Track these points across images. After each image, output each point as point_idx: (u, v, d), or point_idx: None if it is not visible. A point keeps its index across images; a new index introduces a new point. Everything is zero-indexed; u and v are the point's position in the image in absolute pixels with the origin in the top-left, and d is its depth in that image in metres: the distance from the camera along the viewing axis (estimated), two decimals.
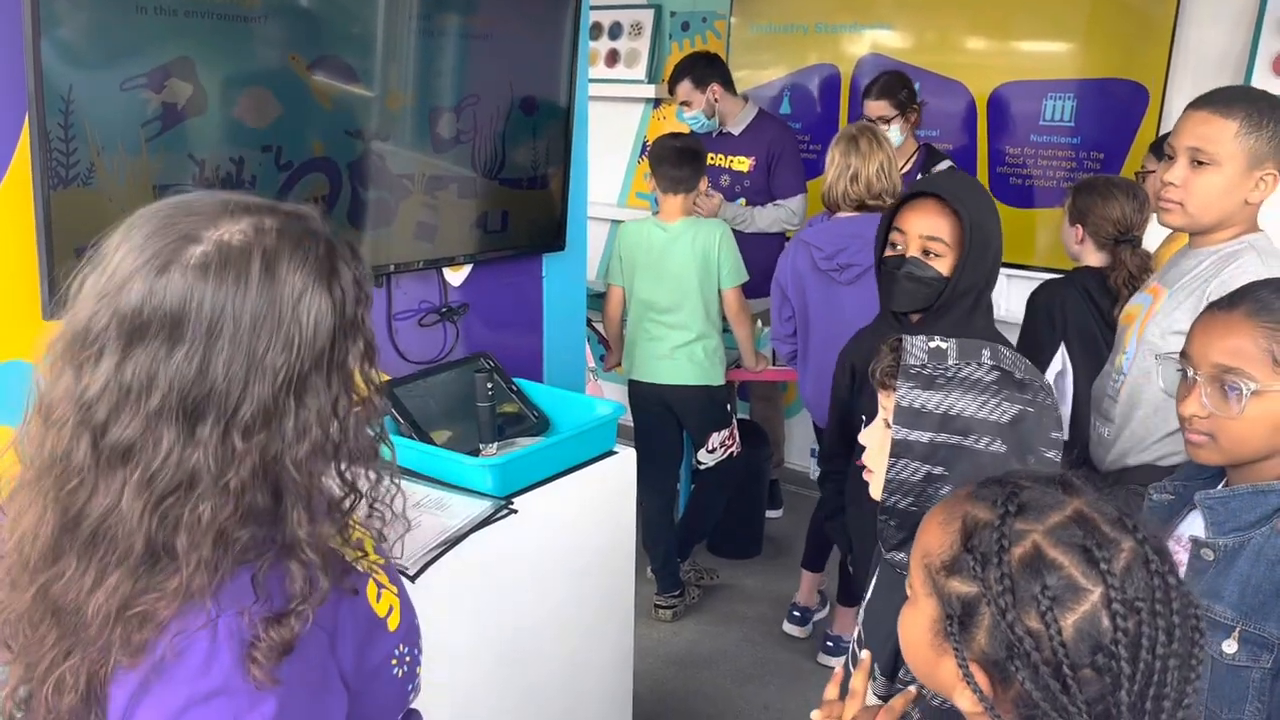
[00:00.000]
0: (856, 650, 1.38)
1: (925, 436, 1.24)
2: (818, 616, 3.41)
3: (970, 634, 0.86)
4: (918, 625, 0.92)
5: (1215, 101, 1.84)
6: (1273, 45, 3.25)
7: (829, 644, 3.23)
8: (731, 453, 3.40)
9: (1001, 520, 0.86)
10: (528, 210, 2.56)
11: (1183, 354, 1.38)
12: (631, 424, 5.07)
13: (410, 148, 2.24)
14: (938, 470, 1.24)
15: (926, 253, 1.90)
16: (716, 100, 3.79)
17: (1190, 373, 1.36)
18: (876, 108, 3.47)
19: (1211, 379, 1.32)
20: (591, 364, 3.62)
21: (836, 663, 3.12)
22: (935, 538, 0.91)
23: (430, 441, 2.09)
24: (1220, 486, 1.39)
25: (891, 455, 1.25)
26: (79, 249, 1.66)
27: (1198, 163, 1.83)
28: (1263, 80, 3.24)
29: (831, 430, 2.33)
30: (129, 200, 1.72)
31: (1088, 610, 0.82)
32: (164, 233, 0.87)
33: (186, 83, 1.79)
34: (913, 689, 1.13)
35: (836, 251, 2.94)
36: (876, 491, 1.30)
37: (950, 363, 1.26)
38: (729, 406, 3.43)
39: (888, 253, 1.98)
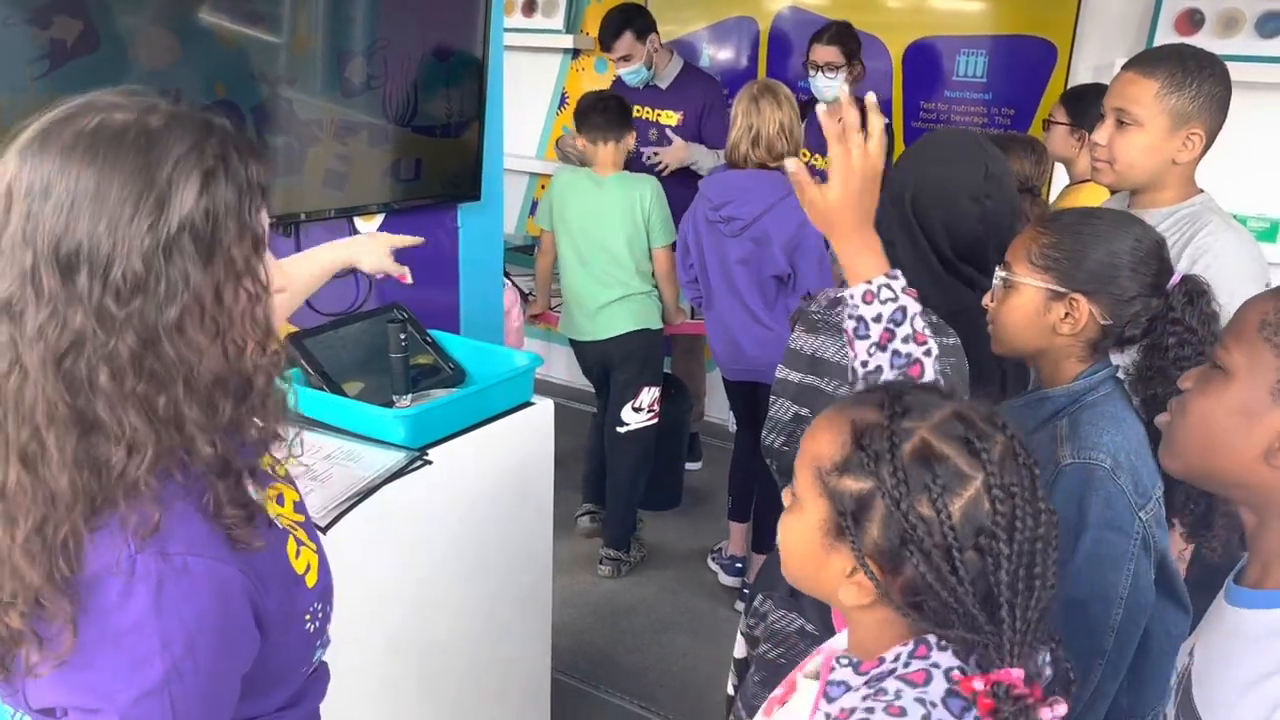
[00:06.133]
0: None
1: (795, 377, 1.26)
2: None
3: (863, 528, 0.91)
4: (804, 530, 0.96)
5: (1141, 62, 1.85)
6: (1176, 4, 3.33)
7: (745, 591, 3.29)
8: (652, 422, 3.40)
9: (890, 420, 0.92)
10: (442, 159, 2.52)
11: None
12: (551, 379, 5.04)
13: (318, 93, 2.17)
14: (804, 412, 1.26)
15: None
16: (655, 50, 3.76)
17: None
18: (827, 53, 3.41)
19: (999, 274, 1.44)
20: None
21: None
22: (824, 443, 0.96)
23: (341, 393, 2.05)
24: None
25: (772, 394, 1.28)
26: None
27: (1122, 123, 1.84)
28: (1165, 39, 3.33)
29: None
30: None
31: (972, 495, 0.89)
32: (61, 122, 0.91)
33: (76, 20, 1.70)
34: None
35: (723, 203, 2.96)
36: None
37: (837, 309, 1.28)
38: (662, 368, 3.42)
39: None
